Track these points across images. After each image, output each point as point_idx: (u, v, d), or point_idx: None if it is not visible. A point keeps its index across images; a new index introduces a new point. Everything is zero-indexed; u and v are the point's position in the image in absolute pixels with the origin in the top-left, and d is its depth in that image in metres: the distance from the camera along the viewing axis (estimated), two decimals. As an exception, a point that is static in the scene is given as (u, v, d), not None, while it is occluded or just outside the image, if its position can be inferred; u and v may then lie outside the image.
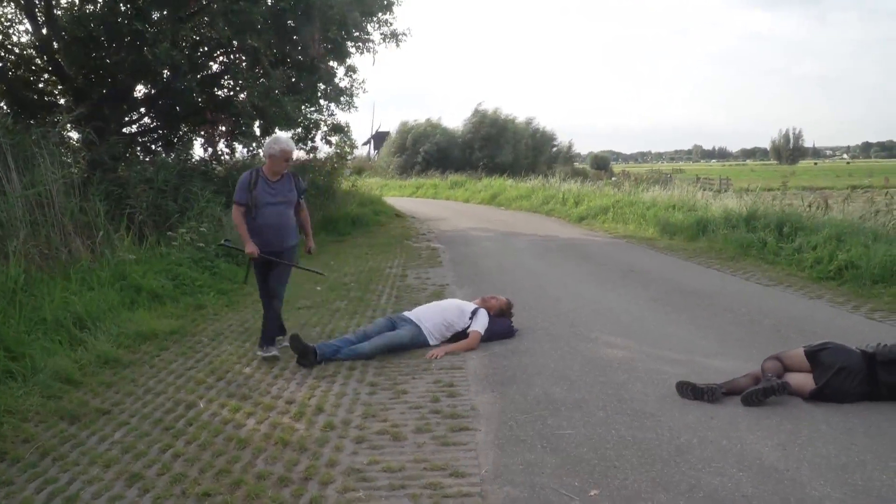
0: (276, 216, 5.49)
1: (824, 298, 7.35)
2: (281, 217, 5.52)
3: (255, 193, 5.40)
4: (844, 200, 12.00)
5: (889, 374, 4.17)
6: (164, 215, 9.52)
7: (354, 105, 15.02)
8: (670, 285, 8.27)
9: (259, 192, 5.41)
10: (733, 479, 3.27)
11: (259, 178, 5.45)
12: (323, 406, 4.40)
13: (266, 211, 5.44)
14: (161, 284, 7.28)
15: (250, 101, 11.73)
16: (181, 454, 3.70)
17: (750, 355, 5.14)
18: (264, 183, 5.46)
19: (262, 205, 5.42)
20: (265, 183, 5.46)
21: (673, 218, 13.46)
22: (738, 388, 4.34)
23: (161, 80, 11.67)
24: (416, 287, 8.52)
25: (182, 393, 4.69)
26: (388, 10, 14.39)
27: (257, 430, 4.02)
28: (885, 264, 7.66)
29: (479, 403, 4.42)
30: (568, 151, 50.65)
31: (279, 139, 5.57)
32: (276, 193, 5.48)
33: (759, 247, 10.10)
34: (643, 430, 3.89)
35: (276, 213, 5.48)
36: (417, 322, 5.78)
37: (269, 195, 5.45)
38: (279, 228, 5.52)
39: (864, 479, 3.25)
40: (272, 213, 5.47)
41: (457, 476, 3.38)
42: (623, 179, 24.17)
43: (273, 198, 5.47)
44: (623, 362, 5.18)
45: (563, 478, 3.34)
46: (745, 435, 3.79)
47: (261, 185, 5.44)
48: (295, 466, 3.53)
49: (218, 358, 5.50)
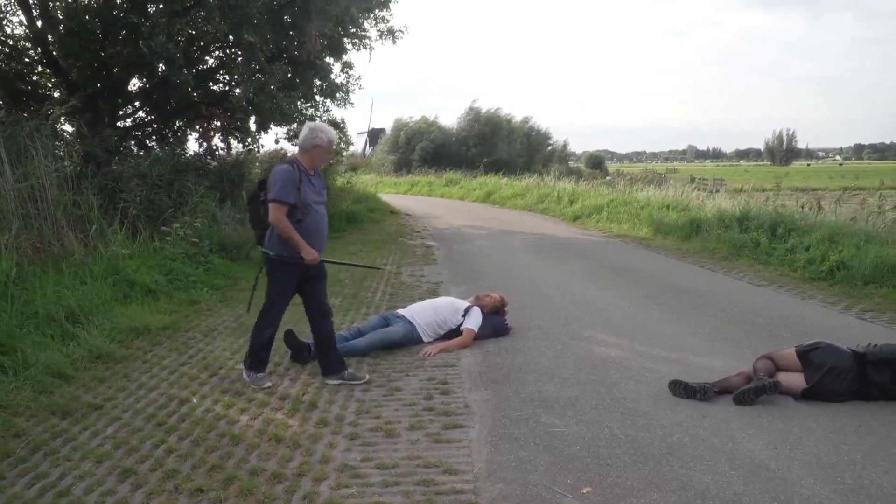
0: (321, 218, 4.74)
1: (816, 299, 7.39)
2: (324, 219, 4.79)
3: (301, 191, 4.55)
4: (837, 201, 12.06)
5: (879, 373, 4.21)
6: (157, 210, 9.47)
7: (350, 101, 15.02)
8: (663, 284, 8.30)
9: (305, 189, 4.57)
10: (724, 478, 3.29)
11: (301, 174, 4.60)
12: (317, 402, 4.40)
13: (312, 212, 4.63)
14: (154, 279, 7.26)
15: (246, 96, 11.68)
16: (174, 450, 3.69)
17: (742, 354, 5.17)
18: (307, 179, 4.63)
19: (309, 205, 4.59)
20: (307, 179, 4.64)
21: (667, 217, 13.50)
22: (730, 387, 4.37)
23: (156, 74, 11.60)
24: (410, 284, 8.53)
25: (175, 389, 4.68)
26: (385, 6, 14.35)
27: (251, 426, 4.02)
28: (876, 265, 7.71)
29: (473, 401, 4.43)
30: (563, 150, 50.70)
31: (324, 128, 4.71)
32: (318, 191, 4.74)
33: (752, 247, 10.14)
34: (636, 429, 3.91)
35: (320, 214, 4.74)
36: (411, 319, 5.78)
37: (314, 193, 4.68)
38: (323, 233, 4.79)
39: (853, 478, 3.27)
40: (318, 215, 4.70)
41: (450, 473, 3.39)
42: (618, 179, 24.22)
43: (318, 196, 4.72)
44: (616, 361, 5.19)
45: (555, 475, 3.35)
46: (737, 434, 3.81)
47: (304, 181, 4.60)
48: (288, 463, 3.54)
49: (211, 354, 5.49)
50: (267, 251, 4.67)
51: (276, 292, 4.74)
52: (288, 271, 4.67)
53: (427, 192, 30.64)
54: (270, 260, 4.66)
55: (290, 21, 12.38)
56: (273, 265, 4.67)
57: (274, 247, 4.62)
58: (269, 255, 4.66)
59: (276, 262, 4.64)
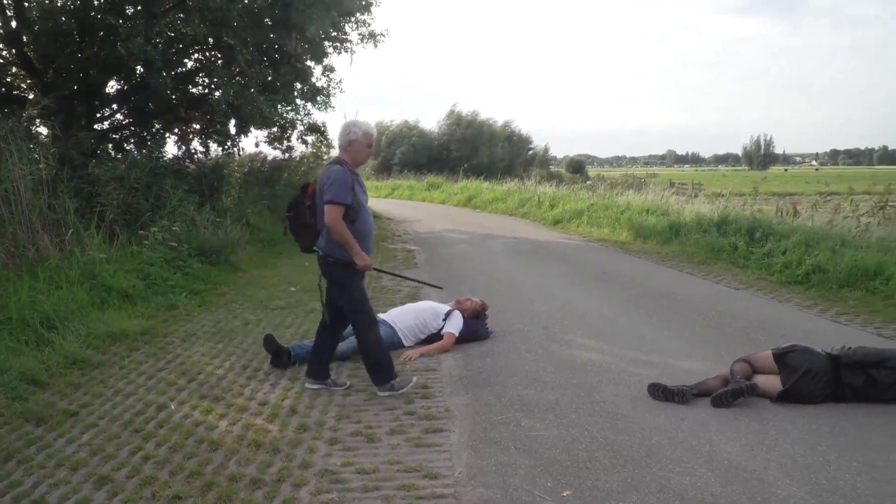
0: (370, 220, 4.60)
1: (792, 302, 7.49)
2: (372, 222, 4.65)
3: (354, 191, 4.38)
4: (813, 206, 12.23)
5: (853, 376, 4.28)
6: (135, 214, 9.38)
7: (332, 105, 14.97)
8: (643, 288, 8.36)
9: (357, 190, 4.40)
10: (702, 479, 3.32)
11: (352, 174, 4.41)
12: (296, 407, 4.38)
13: (364, 214, 4.49)
14: (132, 284, 7.19)
15: (225, 99, 11.60)
16: (151, 456, 3.65)
17: (720, 357, 5.22)
18: (356, 179, 4.46)
19: (362, 206, 4.45)
20: (357, 179, 4.46)
21: (646, 222, 13.60)
22: (708, 389, 4.41)
23: (134, 76, 11.50)
24: (391, 288, 8.51)
25: (152, 394, 4.63)
26: (367, 10, 14.37)
27: (230, 431, 3.99)
28: (850, 269, 7.83)
29: (454, 405, 4.43)
30: (544, 154, 51.03)
31: (357, 122, 4.56)
32: (364, 191, 4.59)
33: (730, 251, 10.25)
34: (615, 432, 3.93)
35: (370, 216, 4.60)
36: (392, 324, 5.77)
37: (363, 195, 4.53)
38: (372, 236, 4.66)
39: (828, 479, 3.32)
40: (368, 217, 4.56)
41: (430, 477, 3.39)
42: (598, 183, 24.37)
43: (365, 197, 4.57)
44: (596, 364, 5.22)
45: (535, 479, 3.36)
46: (715, 436, 3.85)
47: (355, 181, 4.42)
48: (268, 468, 3.51)
49: (190, 359, 5.44)
50: (329, 255, 4.46)
51: (357, 294, 4.54)
52: (351, 273, 4.48)
53: (408, 195, 30.65)
54: (333, 264, 4.46)
55: (271, 24, 12.34)
56: (338, 268, 4.47)
57: (333, 249, 4.43)
58: (331, 259, 4.45)
59: (340, 264, 4.44)
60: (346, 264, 4.43)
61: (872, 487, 3.23)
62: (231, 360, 5.40)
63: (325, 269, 4.54)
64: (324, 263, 4.53)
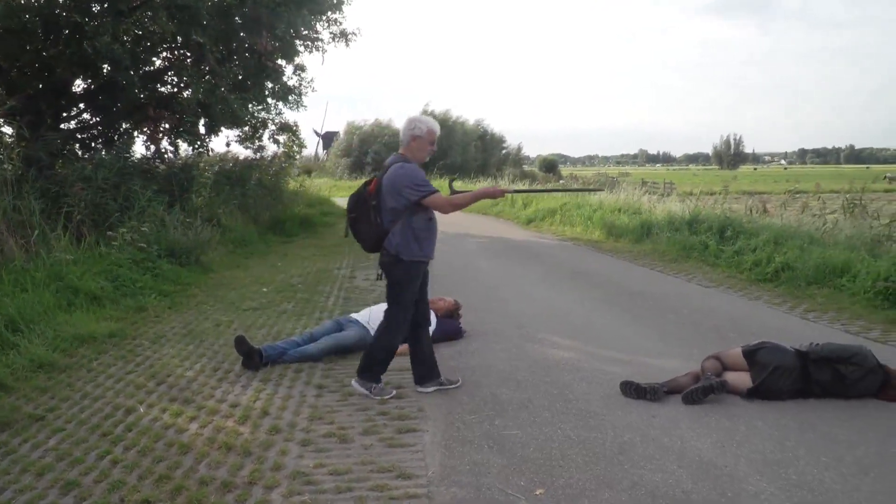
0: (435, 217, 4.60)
1: (762, 299, 7.60)
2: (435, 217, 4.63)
3: None
4: (782, 205, 12.43)
5: (820, 372, 4.35)
6: (103, 214, 9.22)
7: (303, 104, 14.89)
8: (616, 287, 8.43)
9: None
10: (674, 476, 3.35)
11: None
12: (268, 409, 4.33)
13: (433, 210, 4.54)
14: (100, 286, 7.06)
15: (195, 98, 11.46)
16: (120, 461, 3.58)
17: (691, 354, 5.27)
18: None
19: None
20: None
21: (619, 221, 13.72)
22: (680, 386, 4.45)
23: (101, 75, 11.31)
24: (364, 288, 8.48)
25: (121, 398, 4.55)
26: (338, 9, 14.28)
27: (200, 434, 3.93)
28: (818, 266, 7.96)
29: (427, 405, 4.42)
30: (517, 154, 51.26)
31: (422, 118, 4.57)
32: None
33: (701, 249, 10.38)
34: (588, 430, 3.95)
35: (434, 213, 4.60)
36: (365, 324, 5.74)
37: None
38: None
39: (797, 474, 3.37)
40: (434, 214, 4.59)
41: (403, 478, 3.37)
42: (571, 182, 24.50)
43: None
44: (569, 363, 5.25)
45: (509, 478, 3.37)
46: (686, 432, 3.89)
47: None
48: (239, 471, 3.47)
49: (159, 361, 5.36)
50: (398, 254, 4.39)
51: (408, 296, 4.51)
52: (417, 272, 4.49)
53: (382, 195, 30.47)
54: (400, 262, 4.41)
55: (241, 22, 12.21)
56: (403, 268, 4.43)
57: (407, 249, 4.40)
58: (403, 258, 4.40)
59: (407, 264, 4.41)
60: (415, 264, 4.45)
61: (839, 482, 3.29)
62: (202, 362, 5.33)
63: (391, 269, 4.47)
64: (391, 263, 4.45)
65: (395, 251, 4.39)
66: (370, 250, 4.59)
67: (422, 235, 4.43)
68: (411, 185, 4.34)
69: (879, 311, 6.66)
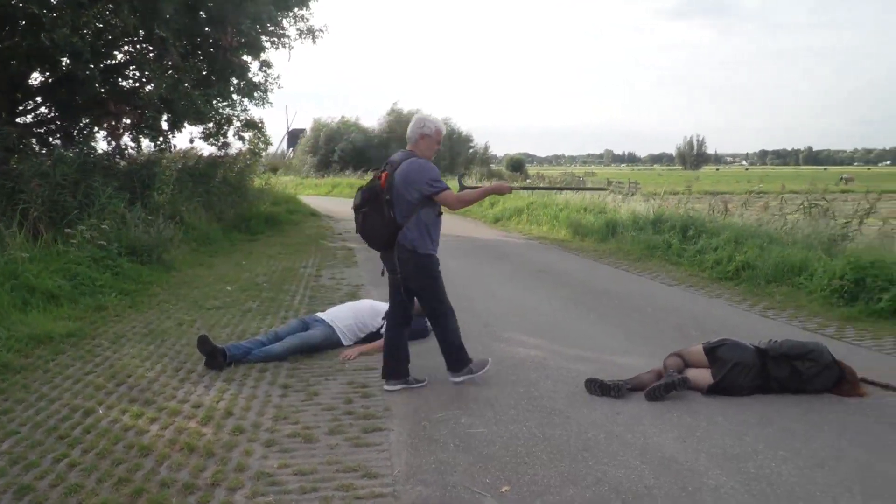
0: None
1: (723, 297, 7.74)
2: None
3: None
4: (743, 205, 12.66)
5: (779, 368, 4.44)
6: (61, 212, 9.00)
7: (269, 101, 14.74)
8: (581, 285, 8.51)
9: None
10: (637, 472, 3.39)
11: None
12: (232, 409, 4.27)
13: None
14: (57, 284, 6.89)
15: (158, 93, 11.25)
16: (77, 464, 3.50)
17: (654, 352, 5.34)
18: None
19: None
20: None
21: (584, 220, 13.85)
22: (643, 384, 4.51)
23: (60, 68, 11.03)
24: (330, 287, 8.42)
25: (79, 399, 4.44)
26: (305, 5, 14.17)
27: (161, 436, 3.86)
28: (777, 265, 8.13)
29: (393, 404, 4.41)
30: (484, 153, 51.31)
31: (431, 117, 4.65)
32: None
33: (665, 248, 10.52)
34: (553, 427, 3.98)
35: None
36: (331, 323, 5.70)
37: None
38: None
39: (756, 468, 3.43)
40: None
41: (369, 477, 3.36)
42: (538, 182, 24.65)
43: None
44: (534, 361, 5.28)
45: (474, 476, 3.37)
46: (648, 429, 3.94)
47: None
48: (201, 472, 3.42)
49: (119, 361, 5.25)
50: (415, 248, 4.45)
51: (438, 286, 4.64)
52: (435, 264, 4.58)
53: (349, 193, 30.31)
54: (417, 256, 4.47)
55: (206, 17, 12.03)
56: (421, 261, 4.50)
57: (423, 243, 4.47)
58: (417, 251, 4.46)
59: (424, 257, 4.49)
60: (430, 256, 4.53)
61: (796, 474, 3.36)
62: (163, 362, 5.23)
63: (408, 264, 4.50)
64: (409, 258, 4.48)
65: (412, 246, 4.45)
66: (383, 247, 4.59)
67: (433, 230, 4.54)
68: (428, 181, 4.42)
69: (835, 309, 6.83)
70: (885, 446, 3.70)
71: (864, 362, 4.98)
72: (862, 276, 6.91)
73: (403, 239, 4.45)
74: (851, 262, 7.13)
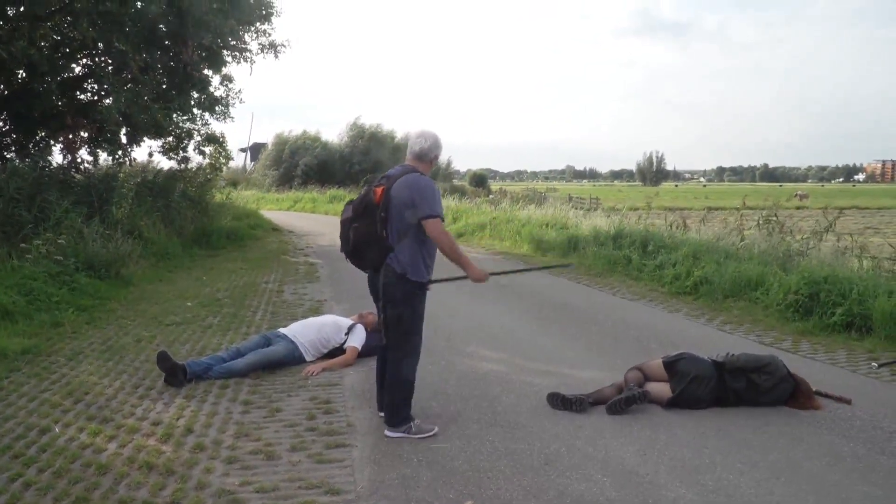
0: None
1: (682, 312, 7.89)
2: None
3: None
4: (701, 221, 12.94)
5: (736, 380, 4.56)
6: (16, 226, 8.80)
7: (230, 115, 14.62)
8: (542, 300, 8.59)
9: None
10: (598, 485, 3.44)
11: None
12: (192, 427, 4.22)
13: None
14: (12, 300, 6.72)
15: (116, 107, 11.09)
16: (32, 483, 3.42)
17: (615, 366, 5.42)
18: None
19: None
20: None
21: (546, 235, 13.99)
22: (604, 397, 4.58)
23: (16, 81, 10.83)
24: (292, 303, 8.36)
25: (34, 417, 4.34)
26: (267, 20, 14.14)
27: (119, 454, 3.79)
28: (734, 280, 8.33)
29: (356, 419, 4.40)
30: (447, 168, 51.55)
31: (429, 133, 4.19)
32: None
33: (625, 263, 10.70)
34: (515, 441, 4.01)
35: None
36: (293, 338, 5.67)
37: None
38: None
39: (714, 480, 3.51)
40: None
41: (332, 493, 3.35)
42: (500, 197, 24.85)
43: None
44: (497, 375, 5.32)
45: (437, 490, 3.38)
46: (610, 442, 4.00)
47: None
48: (161, 491, 3.36)
49: (76, 378, 5.14)
50: (405, 273, 3.98)
51: (417, 320, 4.13)
52: (423, 296, 4.13)
53: (311, 208, 30.23)
54: (405, 282, 3.99)
55: (166, 30, 11.92)
56: (408, 288, 4.01)
57: (415, 269, 4.00)
58: (407, 277, 3.98)
59: (412, 284, 4.01)
60: (422, 286, 4.09)
61: (754, 486, 3.45)
62: (122, 379, 5.14)
63: (393, 288, 4.02)
64: (395, 282, 4.01)
65: (402, 270, 3.99)
66: (374, 268, 4.17)
67: (428, 255, 4.08)
68: (427, 199, 3.94)
69: (790, 323, 7.02)
70: (838, 458, 3.81)
71: (817, 375, 5.14)
72: (816, 290, 7.12)
73: (393, 262, 4.00)
74: (805, 278, 7.34)
